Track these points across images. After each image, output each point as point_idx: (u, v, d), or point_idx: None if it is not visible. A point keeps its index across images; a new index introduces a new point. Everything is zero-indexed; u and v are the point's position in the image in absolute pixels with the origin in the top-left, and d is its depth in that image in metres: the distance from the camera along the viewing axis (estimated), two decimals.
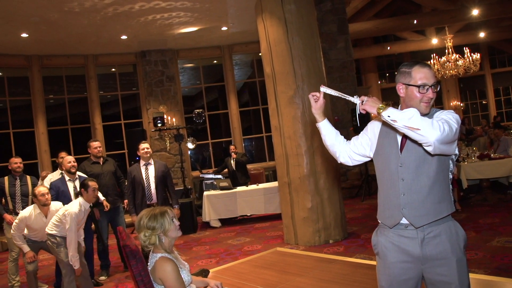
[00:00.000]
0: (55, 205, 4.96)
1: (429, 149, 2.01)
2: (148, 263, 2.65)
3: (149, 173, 5.82)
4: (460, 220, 6.23)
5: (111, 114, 11.66)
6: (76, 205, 4.60)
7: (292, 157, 6.27)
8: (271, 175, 10.92)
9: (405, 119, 1.97)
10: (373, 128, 2.44)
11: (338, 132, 2.57)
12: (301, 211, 6.26)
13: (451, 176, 2.25)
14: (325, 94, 2.44)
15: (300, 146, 6.21)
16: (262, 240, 6.98)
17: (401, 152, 2.24)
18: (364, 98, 2.19)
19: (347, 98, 2.32)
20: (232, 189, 8.63)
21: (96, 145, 6.16)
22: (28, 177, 6.06)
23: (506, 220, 6.23)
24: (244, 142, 11.61)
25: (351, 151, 2.52)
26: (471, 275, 2.59)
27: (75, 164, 5.63)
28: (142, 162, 5.87)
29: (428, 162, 2.16)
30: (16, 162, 6.04)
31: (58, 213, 4.64)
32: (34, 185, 5.85)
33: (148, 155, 5.85)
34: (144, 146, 5.85)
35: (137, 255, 2.63)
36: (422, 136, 1.95)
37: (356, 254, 5.51)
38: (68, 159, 5.57)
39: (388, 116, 2.03)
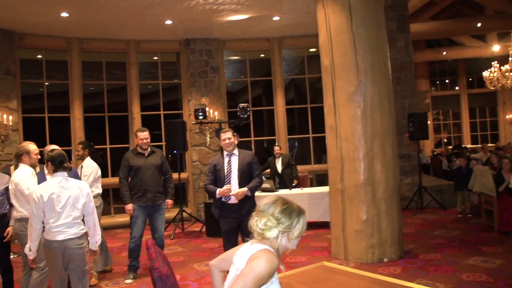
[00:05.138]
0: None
1: None
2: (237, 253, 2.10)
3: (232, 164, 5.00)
4: None
5: (150, 104, 11.25)
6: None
7: (348, 161, 5.57)
8: (315, 179, 10.20)
9: None
10: None
11: None
12: (354, 223, 5.56)
13: None
14: None
15: (358, 149, 5.51)
16: (306, 251, 6.32)
17: None
18: None
19: None
20: (274, 191, 7.96)
21: (143, 136, 5.60)
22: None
23: None
24: (288, 142, 10.93)
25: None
26: None
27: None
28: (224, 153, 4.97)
29: None
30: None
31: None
32: None
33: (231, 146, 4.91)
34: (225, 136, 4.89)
35: (168, 282, 1.99)
36: None
37: (418, 279, 4.80)
38: None
39: None
